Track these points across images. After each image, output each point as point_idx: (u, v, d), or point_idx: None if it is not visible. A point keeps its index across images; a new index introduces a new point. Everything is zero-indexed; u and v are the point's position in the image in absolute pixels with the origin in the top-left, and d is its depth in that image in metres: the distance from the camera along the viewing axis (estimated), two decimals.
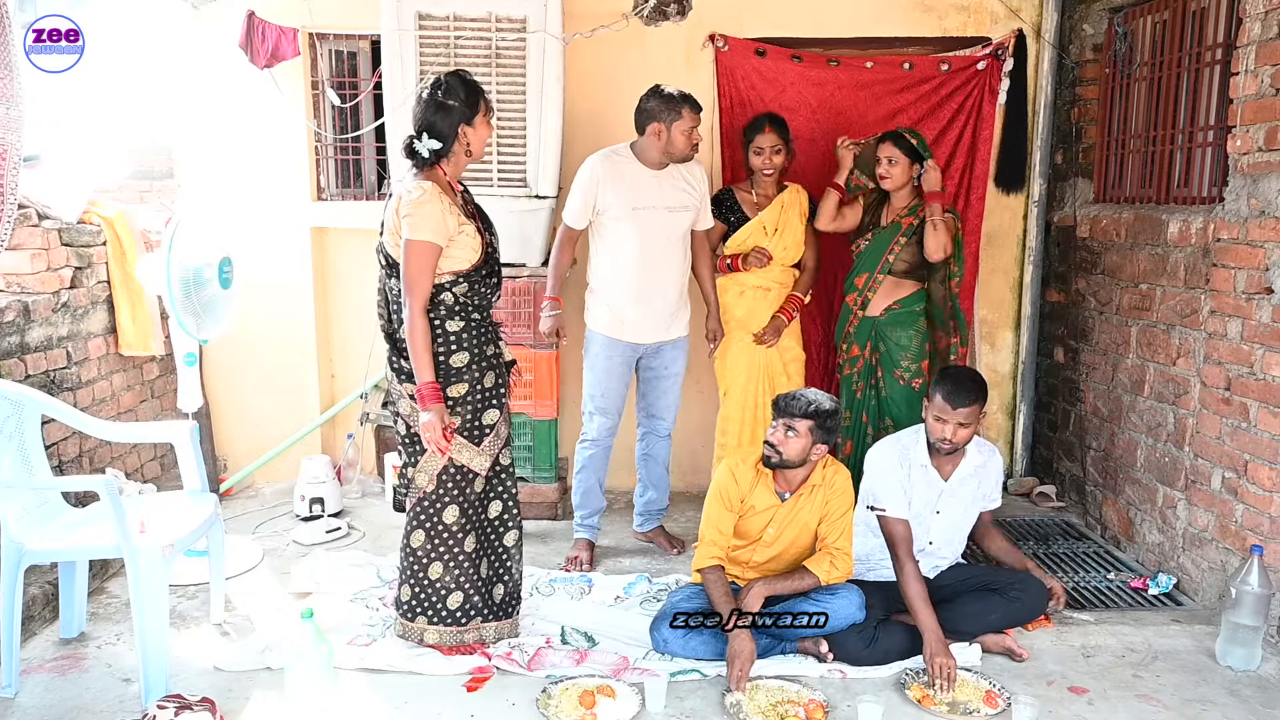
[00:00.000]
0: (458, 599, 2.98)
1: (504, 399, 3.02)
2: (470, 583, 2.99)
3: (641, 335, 3.68)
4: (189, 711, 2.49)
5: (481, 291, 2.92)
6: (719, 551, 3.07)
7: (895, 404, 3.88)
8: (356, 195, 4.70)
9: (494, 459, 2.99)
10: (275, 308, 4.44)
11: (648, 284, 3.63)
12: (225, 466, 4.67)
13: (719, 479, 3.12)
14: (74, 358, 3.73)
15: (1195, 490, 3.50)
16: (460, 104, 2.83)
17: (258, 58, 4.19)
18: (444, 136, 2.82)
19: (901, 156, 3.74)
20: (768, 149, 3.80)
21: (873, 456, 3.24)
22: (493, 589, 3.07)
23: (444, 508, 2.95)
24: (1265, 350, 3.14)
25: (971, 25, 4.43)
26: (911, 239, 3.78)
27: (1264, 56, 3.13)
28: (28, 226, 3.58)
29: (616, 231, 3.60)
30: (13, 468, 2.88)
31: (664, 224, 3.59)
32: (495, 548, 3.07)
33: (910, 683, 2.88)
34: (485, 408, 2.95)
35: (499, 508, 3.06)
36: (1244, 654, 3.01)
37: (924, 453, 3.16)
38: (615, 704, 2.72)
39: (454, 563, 2.97)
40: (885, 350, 3.89)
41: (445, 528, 2.96)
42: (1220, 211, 3.36)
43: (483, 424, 2.95)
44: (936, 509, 3.19)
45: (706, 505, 3.13)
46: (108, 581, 3.55)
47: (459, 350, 2.90)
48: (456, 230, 2.82)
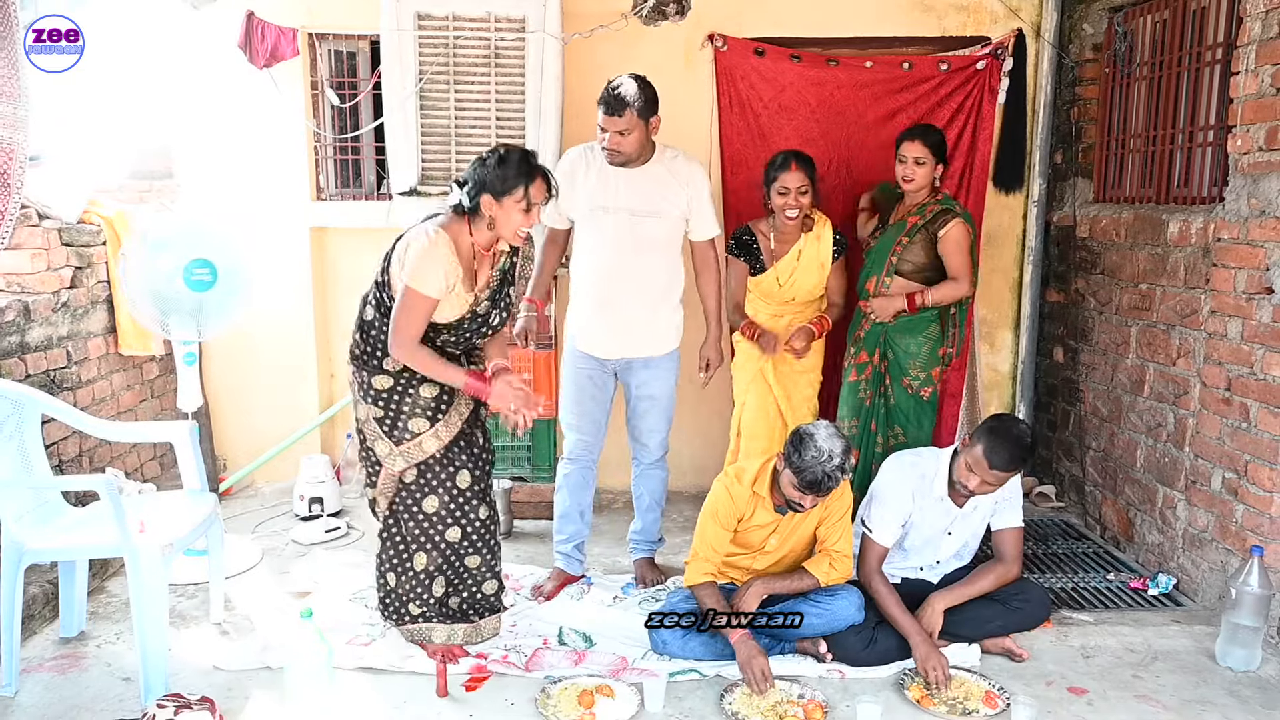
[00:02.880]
0: (416, 607, 3.03)
1: (441, 418, 2.89)
2: (419, 595, 3.02)
3: (604, 350, 3.41)
4: (188, 711, 2.49)
5: (446, 339, 2.88)
6: (711, 568, 3.03)
7: (903, 413, 3.73)
8: (356, 195, 4.70)
9: (409, 465, 2.90)
10: (274, 307, 4.44)
11: (609, 293, 3.33)
12: (225, 466, 4.67)
13: (716, 499, 3.03)
14: (74, 357, 3.73)
15: (1195, 491, 3.50)
16: (496, 175, 2.72)
17: (257, 58, 4.20)
18: (471, 197, 2.76)
19: (930, 156, 3.54)
20: (794, 190, 3.50)
21: (886, 477, 3.13)
22: (447, 600, 3.07)
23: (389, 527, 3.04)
24: (1265, 350, 3.14)
25: (971, 25, 4.43)
26: (915, 238, 3.60)
27: (1264, 56, 3.13)
28: (28, 226, 3.58)
29: (581, 233, 3.38)
30: (13, 467, 2.89)
31: (629, 229, 3.27)
32: (455, 566, 3.04)
33: (909, 683, 2.88)
34: (414, 415, 2.88)
35: (457, 533, 2.99)
36: (1244, 655, 3.01)
37: (942, 486, 3.05)
38: (614, 704, 2.72)
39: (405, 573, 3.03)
40: (894, 358, 3.69)
41: (393, 542, 3.03)
42: (1220, 211, 3.36)
43: (406, 428, 2.88)
44: (948, 530, 3.14)
45: (702, 521, 3.07)
46: (107, 581, 3.56)
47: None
48: (448, 290, 2.78)
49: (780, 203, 3.55)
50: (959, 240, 3.57)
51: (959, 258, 3.58)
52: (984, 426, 2.96)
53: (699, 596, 3.00)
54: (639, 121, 3.18)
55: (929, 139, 3.56)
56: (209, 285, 3.56)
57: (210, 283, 3.56)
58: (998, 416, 3.11)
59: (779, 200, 3.55)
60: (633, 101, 3.14)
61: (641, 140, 3.23)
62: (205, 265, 3.54)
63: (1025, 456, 2.91)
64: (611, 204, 3.28)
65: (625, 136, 3.18)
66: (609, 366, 3.46)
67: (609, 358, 3.43)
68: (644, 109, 3.18)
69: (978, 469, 2.89)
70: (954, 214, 3.59)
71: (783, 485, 2.90)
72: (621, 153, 3.22)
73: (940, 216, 3.58)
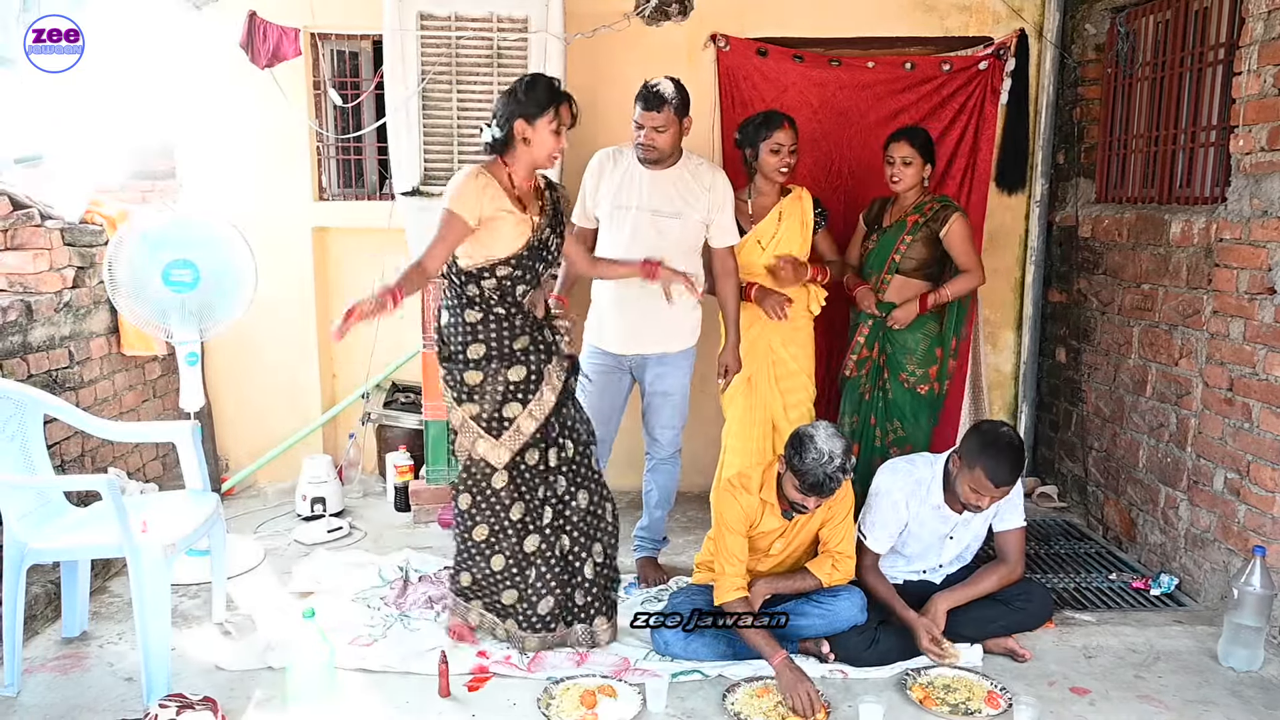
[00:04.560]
0: (467, 578, 3.10)
1: (532, 398, 2.95)
2: (477, 568, 3.07)
3: (620, 345, 3.46)
4: (191, 711, 2.49)
5: (506, 285, 2.90)
6: (741, 581, 2.96)
7: (900, 408, 3.74)
8: (358, 195, 4.70)
9: (514, 455, 2.96)
10: (277, 307, 4.44)
11: (627, 290, 3.39)
12: (227, 466, 4.67)
13: (727, 511, 3.00)
14: (76, 357, 3.74)
15: (1197, 491, 3.50)
16: (527, 100, 2.83)
17: (259, 58, 4.19)
18: (502, 127, 2.85)
19: (916, 156, 3.58)
20: (786, 147, 3.49)
21: (883, 484, 3.11)
22: (502, 590, 3.06)
23: (459, 495, 3.06)
24: (1268, 350, 3.14)
25: (973, 25, 4.43)
26: (918, 236, 3.62)
27: (1266, 56, 3.13)
28: (30, 226, 3.59)
29: (603, 232, 3.46)
30: (15, 467, 2.89)
31: (651, 227, 3.36)
32: (516, 550, 3.02)
33: (911, 683, 2.87)
34: (507, 400, 2.94)
35: (521, 509, 3.01)
36: (1246, 655, 3.00)
37: (938, 493, 3.03)
38: (616, 704, 2.72)
39: (464, 543, 3.08)
40: (891, 353, 3.71)
41: (461, 512, 3.06)
42: (1223, 211, 3.35)
43: (503, 416, 2.94)
44: (949, 535, 3.13)
45: (718, 537, 3.03)
46: (110, 581, 3.56)
47: (474, 342, 2.92)
48: (492, 212, 2.81)
49: (774, 161, 3.50)
50: (963, 233, 3.61)
51: (966, 250, 3.63)
52: (974, 445, 2.92)
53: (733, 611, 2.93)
54: (674, 119, 3.31)
55: (915, 139, 3.61)
56: (190, 287, 3.53)
57: (191, 284, 3.53)
58: (981, 430, 3.00)
59: (772, 159, 3.50)
60: (670, 99, 3.28)
61: (675, 138, 3.35)
62: (187, 266, 3.52)
63: (1023, 461, 2.92)
64: (634, 203, 3.38)
65: (661, 133, 3.31)
66: (625, 363, 3.52)
67: (625, 353, 3.49)
68: (680, 108, 3.32)
69: (983, 489, 2.88)
70: (953, 209, 3.63)
71: (785, 488, 2.90)
72: (656, 148, 3.33)
73: (940, 213, 3.61)
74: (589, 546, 3.09)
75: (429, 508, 4.26)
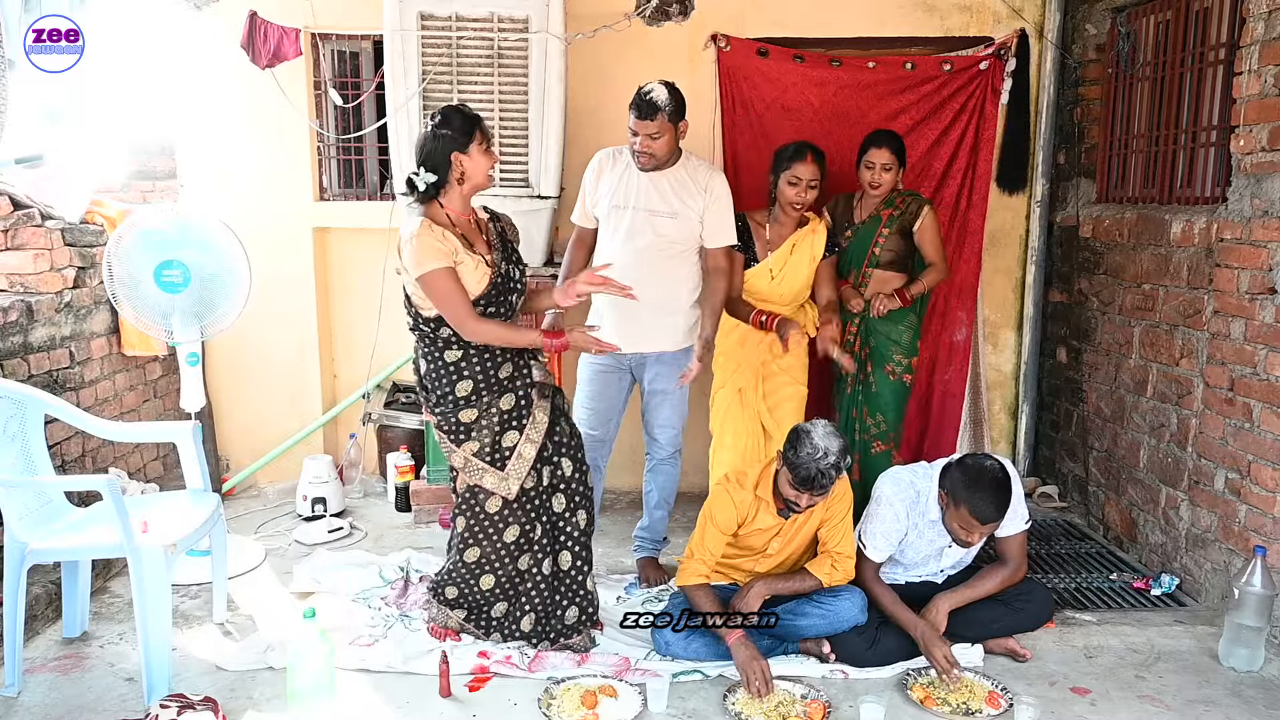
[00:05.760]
0: (453, 591, 3.12)
1: (526, 422, 2.99)
2: (465, 584, 3.09)
3: (619, 343, 3.32)
4: (191, 711, 2.49)
5: (489, 311, 2.91)
6: (705, 570, 3.03)
7: (884, 399, 3.78)
8: (359, 195, 4.71)
9: (521, 484, 2.99)
10: (277, 307, 4.45)
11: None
12: (228, 466, 4.67)
13: (717, 504, 3.03)
14: (77, 357, 3.74)
15: (1198, 491, 3.49)
16: (453, 132, 2.84)
17: (260, 58, 4.20)
18: (438, 167, 2.85)
19: (895, 162, 3.66)
20: (804, 181, 3.46)
21: (885, 492, 3.09)
22: (493, 605, 3.09)
23: (455, 517, 3.10)
24: (1268, 351, 3.14)
25: (974, 25, 4.43)
26: (894, 229, 3.72)
27: (1267, 56, 3.13)
28: (31, 226, 3.59)
29: (604, 230, 3.48)
30: (16, 467, 2.89)
31: (648, 226, 3.37)
32: (508, 568, 3.07)
33: (912, 683, 2.88)
34: (505, 429, 2.97)
35: (516, 532, 3.04)
36: (1247, 655, 3.01)
37: (934, 508, 3.02)
38: (617, 704, 2.72)
39: (455, 561, 3.10)
40: (875, 345, 3.77)
41: (457, 533, 3.10)
42: (1223, 211, 3.35)
43: (503, 446, 2.97)
44: (948, 545, 3.11)
45: (700, 523, 3.07)
46: (110, 581, 3.56)
47: (461, 379, 2.94)
48: (452, 259, 2.82)
49: (790, 194, 3.50)
50: (934, 226, 3.75)
51: (935, 244, 3.76)
52: (959, 483, 2.88)
53: (692, 597, 3.00)
54: (669, 125, 3.30)
55: (894, 145, 3.69)
56: (181, 287, 3.52)
57: (182, 284, 3.52)
58: (965, 466, 2.92)
59: (789, 191, 3.51)
60: (664, 106, 3.26)
61: (671, 144, 3.35)
62: (177, 266, 3.51)
63: (1009, 497, 2.88)
64: (631, 203, 3.39)
65: (656, 140, 3.30)
66: (624, 362, 3.52)
67: (624, 352, 3.43)
68: (674, 113, 3.30)
69: (970, 528, 2.90)
70: (923, 202, 3.78)
71: (780, 484, 2.91)
72: (654, 156, 3.34)
73: (912, 206, 3.74)
74: (590, 560, 3.16)
75: (430, 508, 4.26)
